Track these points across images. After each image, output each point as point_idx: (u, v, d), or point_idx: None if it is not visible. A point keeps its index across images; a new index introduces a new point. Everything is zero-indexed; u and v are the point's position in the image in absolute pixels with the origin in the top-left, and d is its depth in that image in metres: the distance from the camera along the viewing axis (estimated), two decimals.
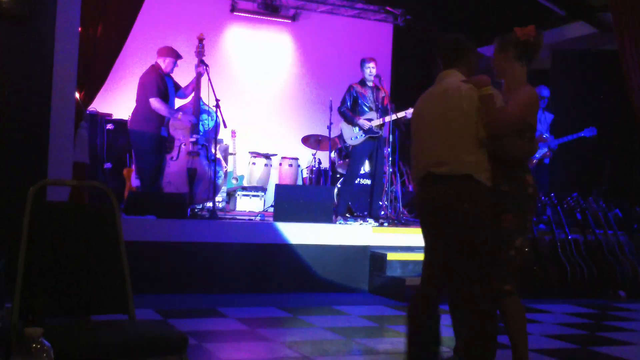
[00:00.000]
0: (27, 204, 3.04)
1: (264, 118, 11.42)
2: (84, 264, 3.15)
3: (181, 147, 7.76)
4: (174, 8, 10.91)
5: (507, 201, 3.70)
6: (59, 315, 3.10)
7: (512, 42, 3.84)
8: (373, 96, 8.21)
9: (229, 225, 7.19)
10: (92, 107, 7.67)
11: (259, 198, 9.93)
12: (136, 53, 9.38)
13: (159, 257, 6.61)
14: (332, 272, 7.21)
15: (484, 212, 3.53)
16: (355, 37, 12.08)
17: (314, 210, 7.51)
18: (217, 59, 10.80)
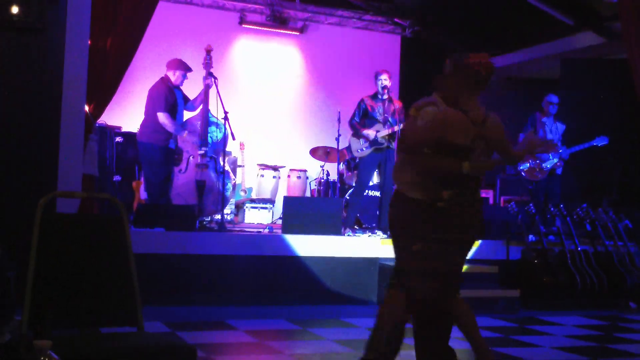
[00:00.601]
0: (37, 216, 3.06)
1: (273, 130, 11.44)
2: (93, 276, 3.16)
3: (190, 159, 7.77)
4: (183, 21, 10.97)
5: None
6: (68, 327, 3.10)
7: (460, 67, 3.89)
8: (383, 109, 8.19)
9: (238, 237, 7.19)
10: (101, 119, 7.69)
11: (268, 210, 9.93)
12: (145, 66, 9.43)
13: (167, 269, 6.61)
14: (340, 284, 7.19)
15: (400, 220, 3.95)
16: (363, 49, 12.11)
17: (323, 222, 7.50)
18: (226, 71, 10.84)
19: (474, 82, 3.85)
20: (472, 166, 3.78)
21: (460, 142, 3.77)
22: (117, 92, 7.11)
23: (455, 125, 3.78)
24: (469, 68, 3.83)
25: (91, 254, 3.20)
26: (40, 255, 3.03)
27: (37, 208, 3.07)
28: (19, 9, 5.60)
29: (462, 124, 3.78)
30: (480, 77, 3.84)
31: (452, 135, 3.77)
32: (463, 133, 3.77)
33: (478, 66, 3.82)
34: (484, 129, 3.84)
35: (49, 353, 2.06)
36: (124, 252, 3.24)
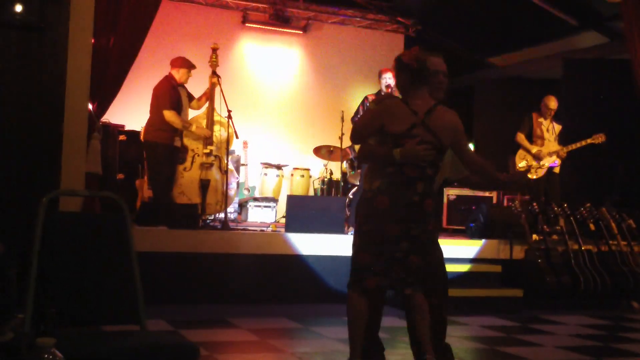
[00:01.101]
0: (40, 214, 3.06)
1: (276, 129, 11.44)
2: (96, 274, 3.16)
3: (194, 157, 7.77)
4: (186, 20, 10.98)
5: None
6: (71, 325, 3.10)
7: (400, 66, 4.11)
8: None
9: (241, 236, 7.19)
10: (105, 118, 7.70)
11: (271, 209, 9.93)
12: (149, 64, 9.42)
13: (170, 268, 6.61)
14: (343, 283, 7.08)
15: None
16: (366, 48, 12.11)
17: (326, 221, 7.49)
18: (229, 70, 10.84)
19: (412, 77, 4.03)
20: (402, 152, 3.88)
21: (396, 129, 3.92)
22: (120, 90, 7.11)
23: (393, 114, 3.96)
24: (404, 65, 4.07)
25: (94, 252, 3.20)
26: (43, 253, 3.03)
27: (40, 206, 3.07)
28: (21, 8, 5.60)
29: (400, 113, 3.95)
30: (415, 72, 4.01)
31: (390, 124, 3.94)
32: (400, 121, 3.93)
33: (410, 61, 4.04)
34: (428, 119, 3.95)
35: (52, 351, 2.06)
36: (126, 251, 3.24)
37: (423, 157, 3.91)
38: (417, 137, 3.90)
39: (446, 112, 4.06)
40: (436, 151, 3.97)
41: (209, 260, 6.76)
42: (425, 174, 3.98)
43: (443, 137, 3.98)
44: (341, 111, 9.42)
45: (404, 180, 3.95)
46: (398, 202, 3.93)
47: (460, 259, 7.47)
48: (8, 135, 5.72)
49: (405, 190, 3.95)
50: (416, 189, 3.95)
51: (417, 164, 3.93)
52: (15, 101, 5.75)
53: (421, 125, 3.93)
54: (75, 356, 2.56)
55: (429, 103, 4.02)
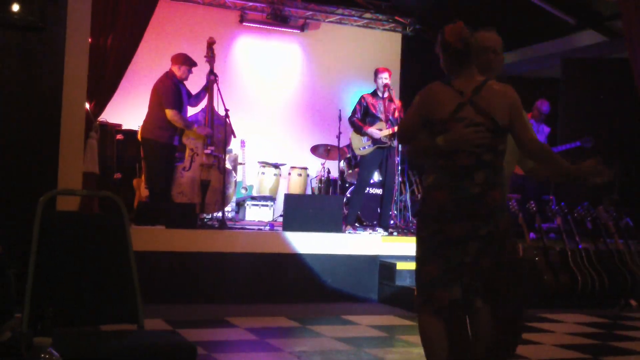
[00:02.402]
0: (37, 214, 3.05)
1: (273, 128, 11.44)
2: (94, 274, 3.16)
3: (194, 157, 7.74)
4: (184, 19, 10.96)
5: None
6: (69, 325, 3.10)
7: (443, 45, 3.57)
8: (384, 107, 8.18)
9: (238, 235, 7.20)
10: (102, 117, 7.68)
11: (268, 208, 9.93)
12: (146, 63, 9.42)
13: (168, 267, 6.61)
14: (341, 282, 7.20)
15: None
16: (364, 47, 12.11)
17: (323, 220, 7.50)
18: (227, 68, 10.85)
19: (456, 57, 3.52)
20: (446, 138, 3.38)
21: (440, 115, 3.44)
22: (117, 89, 7.09)
23: (435, 99, 3.50)
24: (447, 44, 3.54)
25: (92, 251, 3.20)
26: (41, 253, 3.03)
27: (38, 206, 3.06)
28: (19, 7, 5.60)
29: (443, 96, 3.48)
30: (459, 52, 3.49)
31: (433, 111, 3.48)
32: (444, 105, 3.45)
33: (453, 41, 3.50)
34: (476, 98, 3.42)
35: (49, 350, 2.06)
36: (124, 250, 3.23)
37: (473, 141, 3.35)
38: (464, 120, 3.38)
39: (498, 87, 3.49)
40: (491, 133, 3.39)
41: (207, 259, 6.77)
42: (484, 161, 3.39)
43: (497, 116, 3.40)
44: (339, 110, 9.44)
45: (457, 170, 3.39)
46: (455, 197, 3.37)
47: None
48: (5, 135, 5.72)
49: (460, 182, 3.38)
50: (474, 179, 3.37)
51: (469, 150, 3.36)
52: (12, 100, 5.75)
53: (469, 106, 3.41)
54: (73, 356, 2.55)
55: (476, 80, 3.49)
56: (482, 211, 3.37)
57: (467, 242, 3.36)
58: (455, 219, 3.37)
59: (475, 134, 3.36)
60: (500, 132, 3.42)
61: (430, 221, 3.44)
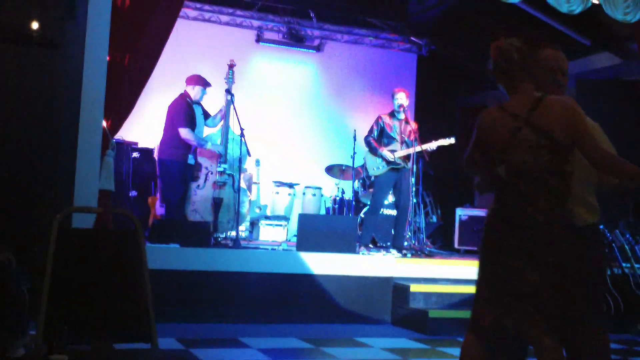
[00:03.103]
0: (53, 231, 3.06)
1: (288, 147, 11.46)
2: (108, 292, 3.16)
3: (208, 175, 7.78)
4: (201, 38, 11.04)
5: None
6: (83, 342, 3.10)
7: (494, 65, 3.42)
8: (400, 128, 8.19)
9: (252, 254, 7.18)
10: (118, 134, 7.72)
11: (282, 227, 9.92)
12: (163, 82, 9.47)
13: (182, 286, 6.60)
14: (354, 303, 7.15)
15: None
16: (379, 67, 12.14)
17: (337, 240, 7.47)
18: (243, 87, 10.87)
19: (504, 74, 3.34)
20: (507, 165, 3.22)
21: (499, 141, 3.25)
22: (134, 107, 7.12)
23: (492, 125, 3.30)
24: (492, 62, 3.38)
25: (106, 269, 3.20)
26: (56, 269, 3.03)
27: (54, 223, 3.07)
28: (38, 25, 5.66)
29: (499, 121, 3.28)
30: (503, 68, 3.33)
31: (491, 137, 3.29)
32: (501, 130, 3.25)
33: (495, 56, 3.37)
34: (533, 117, 3.20)
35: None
36: (139, 268, 3.23)
37: (536, 166, 3.16)
38: (524, 143, 3.18)
39: (556, 103, 3.23)
40: (553, 154, 3.17)
41: (220, 278, 6.75)
42: (548, 186, 3.19)
43: (557, 134, 3.16)
44: (354, 130, 9.44)
45: (519, 198, 3.22)
46: (517, 225, 3.20)
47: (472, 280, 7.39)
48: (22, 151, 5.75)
49: (523, 210, 3.20)
50: (538, 206, 3.17)
51: (531, 175, 3.19)
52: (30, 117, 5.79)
53: (526, 127, 3.19)
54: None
55: (532, 98, 3.26)
56: (545, 239, 3.17)
57: (525, 273, 3.16)
58: (515, 248, 3.19)
59: (535, 157, 3.16)
60: (564, 151, 3.19)
61: (490, 250, 3.30)
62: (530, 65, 3.32)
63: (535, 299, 3.15)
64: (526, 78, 3.30)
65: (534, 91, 3.29)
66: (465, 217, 10.01)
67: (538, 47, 3.42)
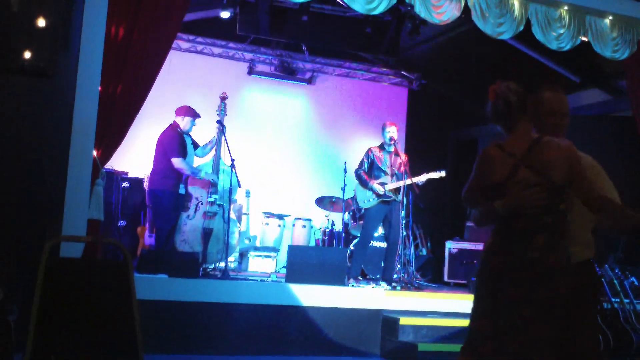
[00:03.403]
0: (42, 260, 3.05)
1: (279, 178, 11.47)
2: (96, 321, 3.14)
3: (198, 205, 7.79)
4: (193, 69, 11.10)
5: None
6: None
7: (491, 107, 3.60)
8: (390, 161, 8.22)
9: (241, 285, 7.15)
10: (108, 164, 7.72)
11: (272, 258, 9.89)
12: (154, 112, 9.50)
13: (170, 316, 6.55)
14: (343, 336, 7.12)
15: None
16: (370, 100, 12.22)
17: (327, 272, 7.45)
18: (234, 118, 10.91)
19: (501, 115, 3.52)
20: (504, 203, 3.35)
21: (497, 178, 3.41)
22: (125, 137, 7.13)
23: (490, 163, 3.46)
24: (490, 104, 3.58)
25: (94, 299, 3.18)
26: (44, 299, 3.01)
27: (43, 252, 3.06)
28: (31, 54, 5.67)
29: (497, 159, 3.44)
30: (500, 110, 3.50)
31: (489, 174, 3.45)
32: (498, 168, 3.41)
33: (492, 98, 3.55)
34: (529, 158, 3.37)
35: None
36: (127, 298, 3.22)
37: (532, 204, 3.30)
38: (520, 182, 3.33)
39: (552, 144, 3.42)
40: (549, 193, 3.33)
41: (209, 309, 6.71)
42: (544, 224, 3.32)
43: (554, 175, 3.34)
44: (344, 162, 9.47)
45: (516, 234, 3.35)
46: (512, 261, 3.31)
47: (462, 314, 7.40)
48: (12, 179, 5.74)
49: (518, 246, 3.32)
50: (533, 243, 3.30)
51: (527, 213, 3.32)
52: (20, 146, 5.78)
53: (523, 167, 3.36)
54: None
55: (530, 138, 3.44)
56: (539, 275, 3.27)
57: (519, 307, 3.25)
58: (511, 283, 3.29)
59: (533, 195, 3.30)
60: (559, 191, 3.35)
61: (487, 283, 3.40)
62: (529, 107, 3.47)
63: (527, 334, 3.21)
64: (524, 118, 3.46)
65: (532, 132, 3.45)
66: (454, 250, 10.01)
67: (537, 90, 3.61)
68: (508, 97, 3.48)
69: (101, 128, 6.35)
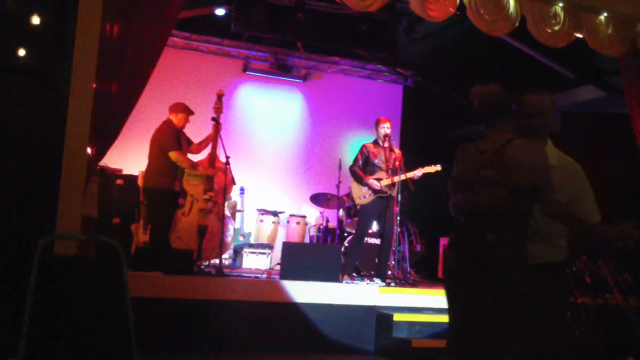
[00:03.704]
0: (36, 258, 3.05)
1: (273, 175, 11.48)
2: (90, 319, 3.14)
3: (193, 202, 7.78)
4: (188, 67, 11.10)
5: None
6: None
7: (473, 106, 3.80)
8: (385, 156, 8.22)
9: (235, 282, 7.15)
10: (102, 162, 7.72)
11: (266, 255, 9.90)
12: (149, 110, 9.49)
13: (164, 314, 6.56)
14: (338, 332, 7.13)
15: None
16: (365, 97, 12.23)
17: (321, 269, 7.46)
18: (229, 116, 10.94)
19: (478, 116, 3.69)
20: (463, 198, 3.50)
21: (465, 174, 3.54)
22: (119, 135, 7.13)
23: (462, 159, 3.60)
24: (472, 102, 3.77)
25: (89, 296, 3.19)
26: (38, 296, 3.02)
27: (37, 250, 3.06)
28: (25, 52, 5.67)
29: (469, 155, 3.56)
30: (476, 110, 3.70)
31: (461, 169, 3.59)
32: (469, 164, 3.53)
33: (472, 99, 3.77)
34: (498, 158, 3.43)
35: None
36: (121, 296, 3.22)
37: (489, 202, 3.38)
38: (483, 180, 3.43)
39: (521, 147, 3.46)
40: (509, 194, 3.37)
41: (203, 306, 6.71)
42: (498, 222, 3.38)
43: (518, 177, 3.38)
44: (339, 159, 9.48)
45: (471, 230, 3.45)
46: (465, 256, 3.41)
47: None
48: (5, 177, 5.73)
49: (470, 241, 3.43)
50: (486, 240, 3.37)
51: (483, 209, 3.41)
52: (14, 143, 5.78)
53: (489, 166, 3.44)
54: None
55: (504, 139, 3.50)
56: (489, 270, 3.30)
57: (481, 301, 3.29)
58: (465, 277, 3.36)
59: (489, 195, 3.37)
60: (521, 193, 3.37)
61: (447, 278, 3.52)
62: (510, 109, 3.56)
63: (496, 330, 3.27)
64: (503, 119, 3.55)
65: (508, 133, 3.51)
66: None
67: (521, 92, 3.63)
68: (486, 98, 3.59)
69: (96, 125, 6.35)
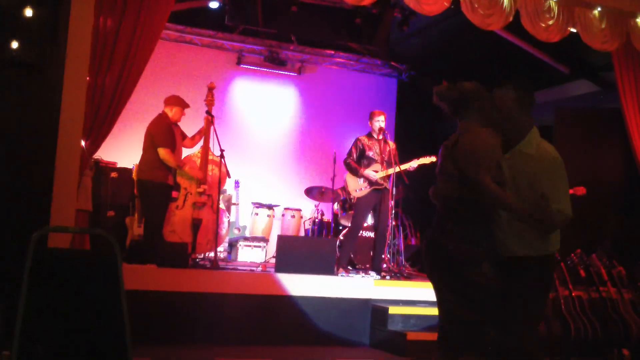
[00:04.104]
0: (29, 251, 3.04)
1: (268, 169, 11.48)
2: (84, 312, 3.14)
3: (187, 196, 7.76)
4: (182, 60, 11.07)
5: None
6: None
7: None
8: (379, 149, 8.22)
9: (230, 275, 7.15)
10: (96, 155, 7.69)
11: (261, 249, 9.90)
12: (142, 102, 9.47)
13: (159, 307, 6.55)
14: (333, 325, 7.14)
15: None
16: (360, 91, 12.23)
17: (316, 262, 7.47)
18: (223, 109, 10.92)
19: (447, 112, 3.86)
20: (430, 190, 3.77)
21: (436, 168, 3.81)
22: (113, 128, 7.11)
23: (440, 152, 3.82)
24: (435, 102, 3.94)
25: (82, 289, 3.18)
26: (31, 289, 3.01)
27: (30, 243, 3.06)
28: (18, 45, 5.65)
29: (440, 151, 3.79)
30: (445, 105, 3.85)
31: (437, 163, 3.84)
32: (439, 157, 3.78)
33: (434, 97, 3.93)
34: (453, 150, 3.64)
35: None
36: (116, 289, 3.22)
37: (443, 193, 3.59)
38: (443, 172, 3.65)
39: (467, 140, 3.62)
40: (459, 182, 3.54)
41: (198, 299, 6.71)
42: (456, 213, 3.55)
43: (464, 167, 3.54)
44: (333, 152, 9.47)
45: (435, 221, 3.66)
46: (428, 246, 3.64)
47: None
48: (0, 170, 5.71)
49: (433, 231, 3.65)
50: (445, 228, 3.58)
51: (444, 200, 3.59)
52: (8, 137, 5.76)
53: (447, 158, 3.65)
54: None
55: (462, 131, 3.71)
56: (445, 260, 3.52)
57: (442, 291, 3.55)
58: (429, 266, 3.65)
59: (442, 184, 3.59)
60: (468, 181, 3.51)
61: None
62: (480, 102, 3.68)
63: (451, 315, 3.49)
64: (471, 113, 3.69)
65: (476, 125, 3.65)
66: None
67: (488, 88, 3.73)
68: (447, 95, 3.75)
69: (89, 119, 6.34)
